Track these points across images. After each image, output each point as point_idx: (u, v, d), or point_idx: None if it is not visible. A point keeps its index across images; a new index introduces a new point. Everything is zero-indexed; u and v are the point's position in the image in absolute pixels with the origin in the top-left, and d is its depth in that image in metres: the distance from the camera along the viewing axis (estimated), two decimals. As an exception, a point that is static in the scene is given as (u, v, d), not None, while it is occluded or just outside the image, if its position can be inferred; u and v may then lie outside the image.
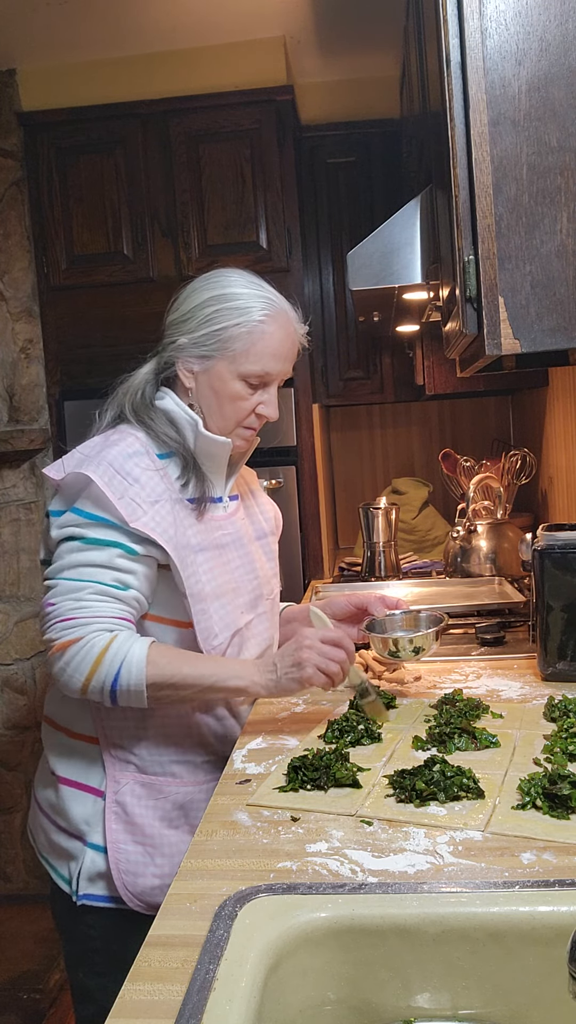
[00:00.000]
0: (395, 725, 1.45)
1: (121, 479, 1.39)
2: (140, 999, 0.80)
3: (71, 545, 1.39)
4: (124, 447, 1.43)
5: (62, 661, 1.35)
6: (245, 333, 1.46)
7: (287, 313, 1.51)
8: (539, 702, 1.52)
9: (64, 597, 1.37)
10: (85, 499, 1.40)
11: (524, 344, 1.30)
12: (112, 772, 1.46)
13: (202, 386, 1.50)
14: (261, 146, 2.98)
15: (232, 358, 1.47)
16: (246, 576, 1.55)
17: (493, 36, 1.26)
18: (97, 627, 1.35)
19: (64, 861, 1.50)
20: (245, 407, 1.50)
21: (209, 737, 1.51)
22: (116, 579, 1.38)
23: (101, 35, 2.85)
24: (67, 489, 1.43)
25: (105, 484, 1.37)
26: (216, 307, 1.47)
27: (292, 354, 1.53)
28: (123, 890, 1.43)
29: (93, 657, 1.33)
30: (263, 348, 1.47)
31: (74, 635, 1.34)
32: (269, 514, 1.71)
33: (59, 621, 1.36)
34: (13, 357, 3.08)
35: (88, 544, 1.38)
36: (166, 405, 1.51)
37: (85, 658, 1.33)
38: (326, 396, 3.36)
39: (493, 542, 2.55)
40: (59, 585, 1.38)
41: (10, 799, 3.15)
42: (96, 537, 1.38)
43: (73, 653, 1.34)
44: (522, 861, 0.99)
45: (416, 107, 2.16)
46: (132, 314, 3.03)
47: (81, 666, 1.34)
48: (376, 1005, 0.90)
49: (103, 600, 1.37)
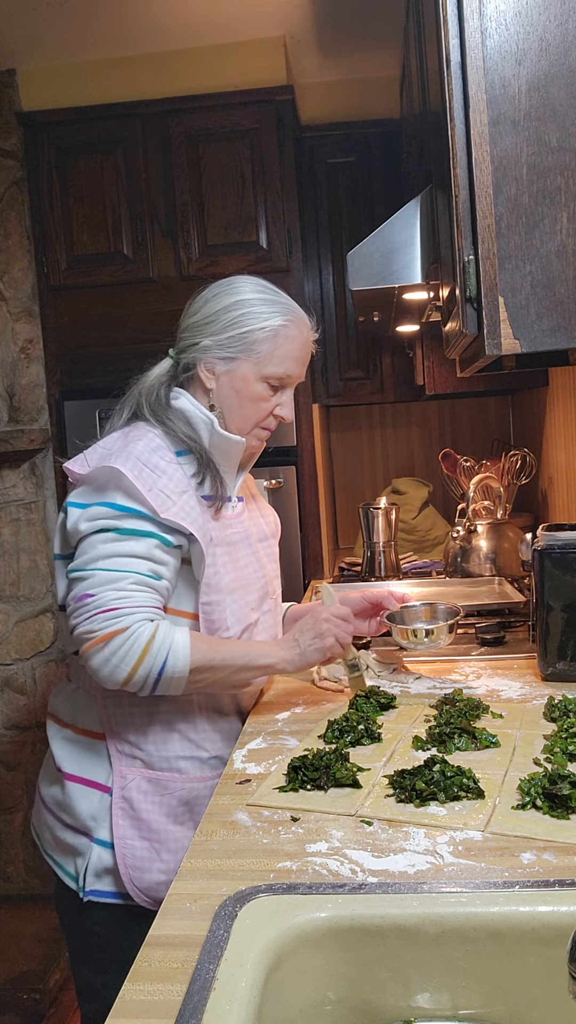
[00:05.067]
0: (395, 725, 1.45)
1: (149, 472, 1.42)
2: (140, 999, 0.80)
3: (105, 536, 1.40)
4: (147, 442, 1.46)
5: (106, 651, 1.36)
6: (271, 336, 1.51)
7: (304, 319, 1.58)
8: (539, 702, 1.52)
9: (104, 587, 1.38)
10: (115, 491, 1.42)
11: (524, 344, 1.30)
12: (119, 768, 1.47)
13: (224, 387, 1.54)
14: (261, 146, 2.98)
15: (257, 360, 1.52)
16: (255, 574, 1.59)
17: (493, 36, 1.26)
18: (140, 617, 1.37)
19: (70, 857, 1.50)
20: (265, 408, 1.55)
21: (214, 733, 1.52)
22: (152, 570, 1.41)
23: (101, 35, 2.85)
24: (94, 482, 1.44)
25: (135, 477, 1.40)
26: (242, 311, 1.52)
27: (307, 359, 1.60)
28: (130, 886, 1.44)
29: (141, 647, 1.35)
30: (286, 351, 1.53)
31: (119, 625, 1.36)
32: (269, 518, 1.74)
33: (100, 612, 1.36)
34: (13, 357, 3.08)
35: (124, 535, 1.40)
36: (181, 404, 1.54)
37: (132, 648, 1.35)
38: (326, 396, 3.36)
39: (493, 542, 2.55)
40: (95, 576, 1.39)
41: (10, 799, 3.15)
42: (132, 528, 1.40)
43: (119, 643, 1.35)
44: (522, 861, 0.99)
45: (416, 107, 2.16)
46: (132, 314, 3.03)
47: (128, 656, 1.35)
48: (376, 1005, 0.90)
49: (142, 590, 1.40)
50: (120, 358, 3.01)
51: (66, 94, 3.02)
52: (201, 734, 1.51)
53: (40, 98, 3.03)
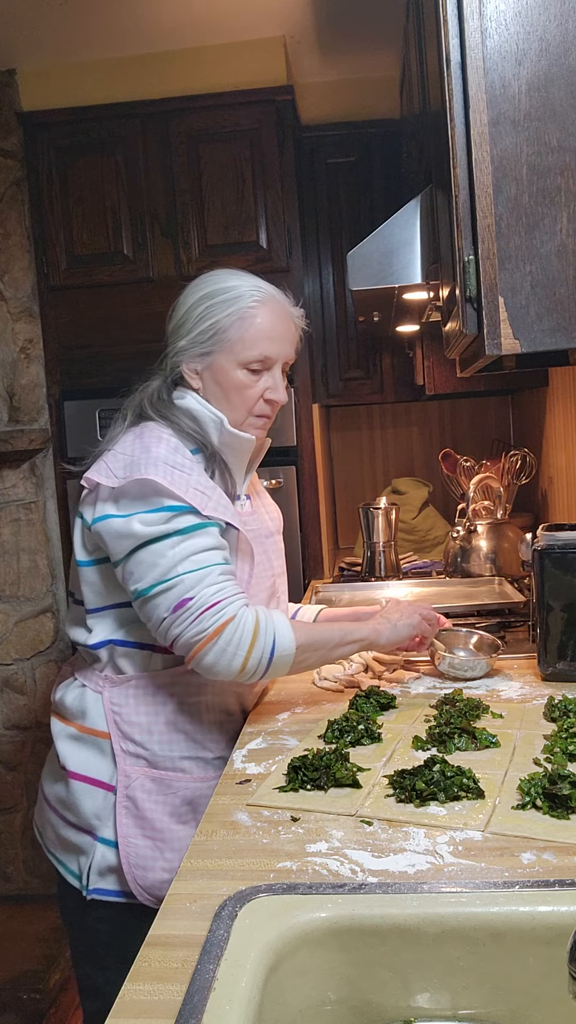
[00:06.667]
0: (395, 725, 1.45)
1: (180, 472, 1.42)
2: (140, 999, 0.80)
3: (170, 541, 1.39)
4: (166, 443, 1.45)
5: (220, 644, 1.37)
6: (237, 321, 1.50)
7: (276, 297, 1.55)
8: (539, 702, 1.52)
9: (198, 587, 1.38)
10: (156, 496, 1.40)
11: (524, 344, 1.30)
12: (123, 766, 1.47)
13: (208, 383, 1.53)
14: (261, 146, 2.97)
15: (229, 348, 1.50)
16: (264, 572, 1.59)
17: (493, 36, 1.26)
18: (240, 603, 1.40)
19: (73, 856, 1.50)
20: (252, 395, 1.53)
21: (219, 734, 1.52)
22: (224, 557, 1.44)
23: (101, 35, 2.84)
24: (130, 493, 1.41)
25: (169, 482, 1.39)
26: (207, 303, 1.51)
27: (289, 335, 1.55)
28: (133, 884, 1.44)
29: (250, 632, 1.38)
30: (256, 332, 1.50)
31: (225, 616, 1.37)
32: (273, 513, 1.74)
33: (206, 610, 1.37)
34: (13, 357, 3.08)
35: (187, 533, 1.40)
36: (188, 404, 1.53)
37: (243, 635, 1.37)
38: (326, 396, 3.36)
39: (493, 542, 2.55)
40: (183, 580, 1.38)
41: (10, 799, 3.15)
42: (190, 524, 1.40)
43: (231, 633, 1.37)
44: (522, 861, 0.99)
45: (416, 107, 2.16)
46: (132, 314, 3.03)
47: (242, 643, 1.37)
48: (376, 1005, 0.90)
49: (229, 578, 1.42)
50: (120, 358, 3.01)
51: (66, 94, 3.02)
52: (206, 734, 1.51)
53: (40, 98, 3.03)
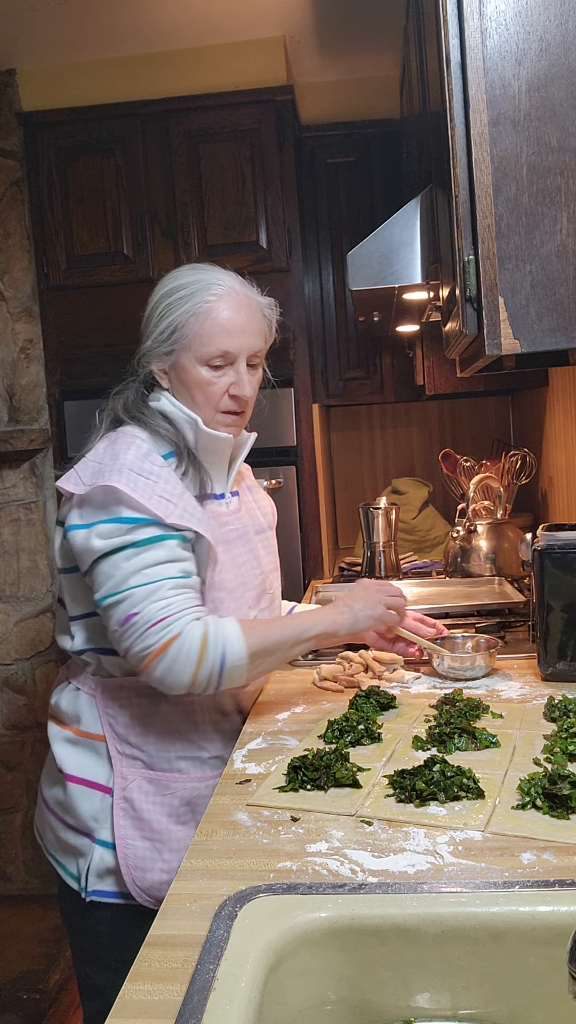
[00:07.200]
0: (395, 725, 1.45)
1: (144, 480, 1.41)
2: (140, 999, 0.80)
3: (125, 553, 1.39)
4: (136, 450, 1.45)
5: (167, 660, 1.36)
6: (192, 318, 1.48)
7: (236, 288, 1.52)
8: (539, 702, 1.52)
9: (146, 602, 1.37)
10: (119, 507, 1.40)
11: (524, 344, 1.30)
12: (119, 768, 1.47)
13: (175, 382, 1.53)
14: (261, 146, 2.97)
15: (188, 346, 1.49)
16: (252, 572, 1.58)
17: (493, 36, 1.26)
18: (188, 618, 1.38)
19: (72, 858, 1.50)
20: (215, 391, 1.51)
21: (215, 733, 1.52)
22: (181, 569, 1.41)
23: (101, 35, 2.85)
24: (93, 501, 1.42)
25: (132, 489, 1.38)
26: (166, 302, 1.51)
27: (251, 327, 1.52)
28: (132, 886, 1.44)
29: (197, 647, 1.36)
30: (212, 327, 1.48)
31: (171, 633, 1.36)
32: (266, 508, 1.73)
33: (151, 626, 1.36)
34: (13, 357, 3.08)
35: (143, 546, 1.39)
36: (162, 406, 1.53)
37: (190, 651, 1.36)
38: (326, 396, 3.36)
39: (493, 542, 2.55)
40: (132, 594, 1.38)
41: (10, 799, 3.15)
42: (148, 536, 1.39)
43: (177, 649, 1.36)
44: (522, 861, 0.99)
45: (416, 107, 2.16)
46: (132, 314, 2.97)
47: (189, 659, 1.36)
48: (376, 1005, 0.90)
49: (181, 592, 1.40)
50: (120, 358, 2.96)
51: (66, 94, 3.02)
52: (202, 734, 1.51)
53: (40, 98, 3.03)
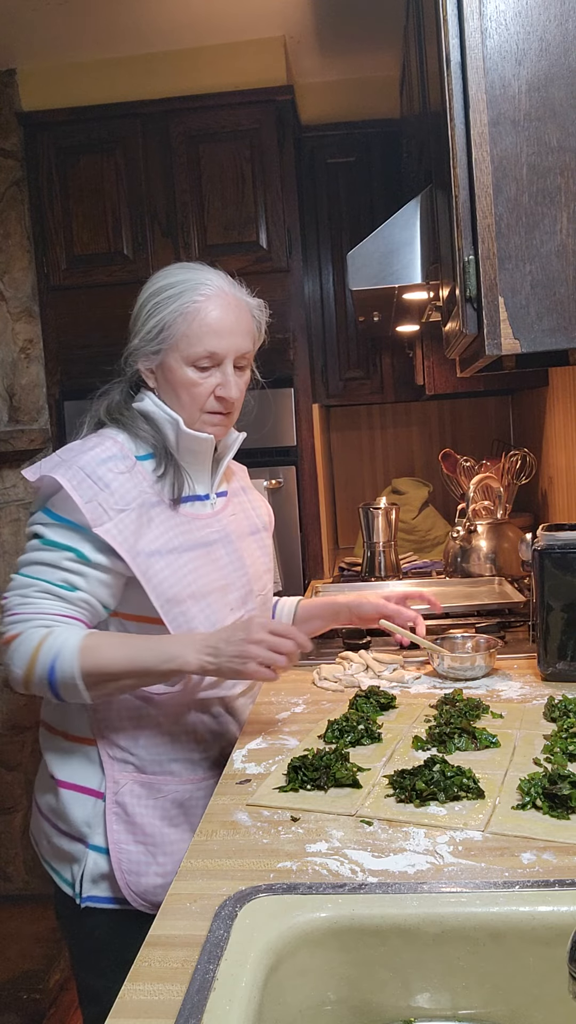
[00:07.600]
0: (395, 725, 1.45)
1: (91, 483, 1.41)
2: (140, 999, 0.80)
3: (34, 543, 1.44)
4: (99, 452, 1.45)
5: (8, 652, 1.40)
6: (179, 317, 1.48)
7: (225, 289, 1.51)
8: (539, 702, 1.52)
9: (15, 592, 1.42)
10: (54, 501, 1.43)
11: (524, 344, 1.30)
12: (111, 773, 1.46)
13: (161, 382, 1.53)
14: (261, 146, 2.97)
15: (175, 346, 1.48)
16: (235, 573, 1.55)
17: (493, 36, 1.26)
18: (37, 623, 1.39)
19: (67, 864, 1.50)
20: (201, 392, 1.49)
21: (205, 734, 1.51)
22: (63, 579, 1.41)
23: (101, 35, 2.85)
24: (40, 490, 1.47)
25: (73, 488, 1.39)
26: (153, 301, 1.51)
27: (240, 328, 1.50)
28: (126, 890, 1.43)
29: (30, 651, 1.37)
30: (199, 328, 1.47)
31: (16, 630, 1.39)
32: (261, 510, 1.71)
33: (8, 615, 1.41)
34: (13, 357, 3.08)
35: (45, 544, 1.43)
36: (144, 406, 1.53)
37: (24, 652, 1.37)
38: (326, 396, 3.36)
39: (493, 542, 2.55)
40: (15, 580, 1.43)
41: (10, 799, 3.15)
42: (54, 539, 1.42)
43: (15, 647, 1.38)
44: (522, 861, 0.99)
45: (416, 107, 2.16)
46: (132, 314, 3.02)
47: (22, 660, 1.37)
48: (376, 1005, 0.90)
49: (47, 598, 1.41)
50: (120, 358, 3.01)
51: (66, 94, 3.02)
52: (191, 735, 1.50)
53: (40, 98, 3.03)
